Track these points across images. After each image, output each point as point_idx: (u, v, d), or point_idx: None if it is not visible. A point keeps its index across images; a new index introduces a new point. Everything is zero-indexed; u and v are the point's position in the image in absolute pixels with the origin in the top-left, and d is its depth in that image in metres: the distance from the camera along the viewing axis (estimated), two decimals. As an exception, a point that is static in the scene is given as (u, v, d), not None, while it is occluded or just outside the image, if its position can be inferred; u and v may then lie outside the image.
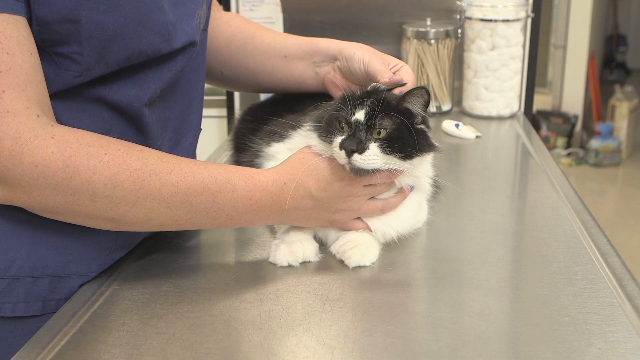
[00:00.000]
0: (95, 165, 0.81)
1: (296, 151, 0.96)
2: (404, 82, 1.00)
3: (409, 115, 0.92)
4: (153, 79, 0.91)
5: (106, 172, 0.81)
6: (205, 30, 1.05)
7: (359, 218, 0.97)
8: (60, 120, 0.86)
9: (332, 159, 0.92)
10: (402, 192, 0.98)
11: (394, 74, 1.03)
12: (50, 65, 0.84)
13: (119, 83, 0.89)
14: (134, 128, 0.92)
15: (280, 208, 0.92)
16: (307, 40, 1.17)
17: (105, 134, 0.89)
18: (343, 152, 0.89)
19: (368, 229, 0.97)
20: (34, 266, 0.88)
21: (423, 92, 0.91)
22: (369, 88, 0.98)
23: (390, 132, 0.90)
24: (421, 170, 0.97)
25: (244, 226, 0.95)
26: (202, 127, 1.08)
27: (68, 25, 0.82)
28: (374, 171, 0.90)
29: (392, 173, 0.92)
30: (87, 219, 0.85)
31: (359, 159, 0.89)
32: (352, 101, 0.92)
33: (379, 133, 0.90)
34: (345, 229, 0.97)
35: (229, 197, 0.88)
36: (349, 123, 0.91)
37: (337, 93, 1.10)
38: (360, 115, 0.91)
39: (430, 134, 0.95)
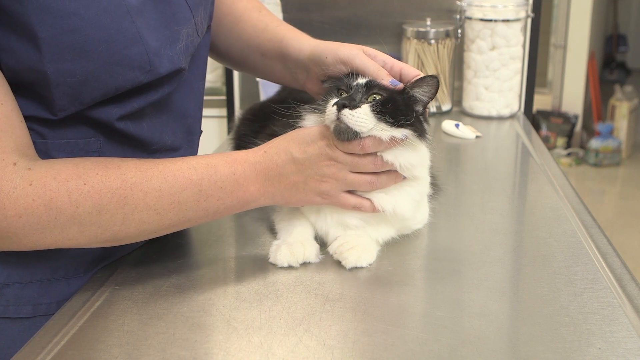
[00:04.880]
0: (77, 199, 0.81)
1: None
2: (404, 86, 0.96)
3: (414, 99, 0.94)
4: (137, 100, 0.89)
5: (89, 202, 0.81)
6: (208, 26, 1.02)
7: (351, 193, 0.95)
8: (43, 133, 0.86)
9: (313, 126, 0.93)
10: (395, 174, 0.95)
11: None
12: (31, 100, 0.84)
13: (99, 104, 0.87)
14: (119, 136, 0.91)
15: (266, 176, 0.91)
16: (279, 39, 1.10)
17: (90, 138, 0.88)
18: (334, 107, 0.89)
19: (362, 205, 0.95)
20: (23, 272, 0.89)
21: (435, 81, 0.93)
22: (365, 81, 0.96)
23: (385, 97, 0.92)
24: (413, 157, 0.94)
25: (239, 210, 0.92)
26: (202, 128, 1.08)
27: (36, 74, 0.81)
28: (357, 136, 0.89)
29: (375, 141, 0.90)
30: (81, 246, 0.85)
31: (347, 114, 0.88)
32: (353, 77, 0.96)
33: (375, 98, 0.91)
34: (337, 204, 0.95)
35: (213, 179, 0.88)
36: (349, 87, 0.94)
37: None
38: (362, 80, 0.94)
39: (426, 124, 0.96)
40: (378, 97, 0.92)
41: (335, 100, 0.91)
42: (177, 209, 0.86)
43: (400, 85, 0.95)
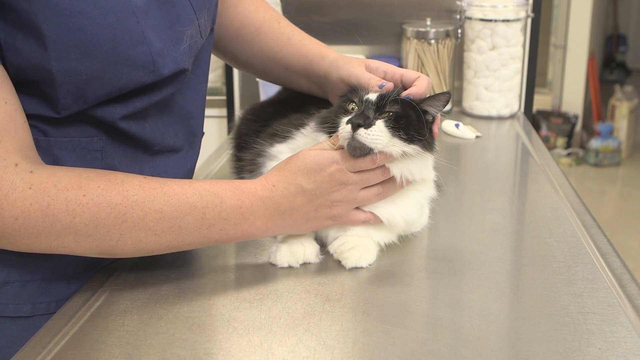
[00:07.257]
0: (74, 209, 0.80)
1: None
2: (394, 87, 0.97)
3: (425, 114, 0.94)
4: (140, 101, 0.89)
5: (86, 214, 0.81)
6: (211, 29, 1.02)
7: (359, 208, 0.95)
8: (46, 131, 0.86)
9: (317, 150, 0.91)
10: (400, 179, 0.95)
11: (403, 87, 1.00)
12: (35, 99, 0.84)
13: (102, 103, 0.87)
14: (122, 136, 0.91)
15: (276, 211, 0.90)
16: (303, 55, 1.11)
17: (92, 137, 0.88)
18: (349, 126, 0.89)
19: (370, 219, 0.96)
20: (23, 271, 0.89)
21: (447, 97, 0.95)
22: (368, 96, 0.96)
23: (399, 112, 0.91)
24: (419, 167, 0.95)
25: (244, 240, 0.92)
26: (203, 129, 1.08)
27: (41, 72, 0.81)
28: (370, 152, 0.90)
29: (387, 156, 0.90)
30: (76, 254, 0.85)
31: (363, 133, 0.88)
32: (363, 91, 0.95)
33: (389, 114, 0.91)
34: (348, 223, 0.96)
35: (218, 210, 0.86)
36: (360, 102, 0.93)
37: None
38: (372, 96, 0.93)
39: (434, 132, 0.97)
40: (391, 113, 0.91)
41: (347, 117, 0.91)
42: (176, 233, 0.85)
43: (389, 85, 0.97)
